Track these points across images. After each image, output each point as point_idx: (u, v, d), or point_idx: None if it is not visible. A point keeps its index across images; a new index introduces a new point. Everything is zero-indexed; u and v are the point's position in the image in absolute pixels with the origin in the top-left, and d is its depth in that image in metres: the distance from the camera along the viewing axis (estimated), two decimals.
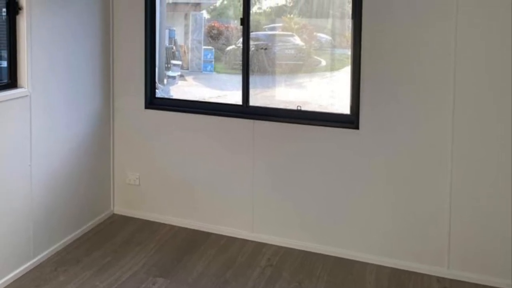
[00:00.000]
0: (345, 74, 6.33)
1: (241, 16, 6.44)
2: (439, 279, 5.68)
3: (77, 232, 6.50)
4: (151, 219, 7.05)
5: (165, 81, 8.41)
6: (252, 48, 6.60)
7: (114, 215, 7.23)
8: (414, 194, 5.77)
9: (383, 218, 5.94)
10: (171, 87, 8.56)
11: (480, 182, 5.50)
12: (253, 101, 6.58)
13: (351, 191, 6.05)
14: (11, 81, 5.43)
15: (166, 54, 8.37)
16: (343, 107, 6.17)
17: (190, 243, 6.50)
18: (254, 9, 6.87)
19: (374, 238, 5.99)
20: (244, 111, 6.55)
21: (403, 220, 5.85)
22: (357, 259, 6.04)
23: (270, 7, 7.50)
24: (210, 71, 8.77)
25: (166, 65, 8.43)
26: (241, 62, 6.57)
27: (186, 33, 9.02)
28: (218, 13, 8.74)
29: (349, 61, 6.10)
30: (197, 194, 6.82)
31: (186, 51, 8.99)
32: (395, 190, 5.86)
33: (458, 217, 5.60)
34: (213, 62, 8.74)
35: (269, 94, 7.27)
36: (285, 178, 6.35)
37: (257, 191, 6.50)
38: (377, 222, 5.96)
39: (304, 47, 7.53)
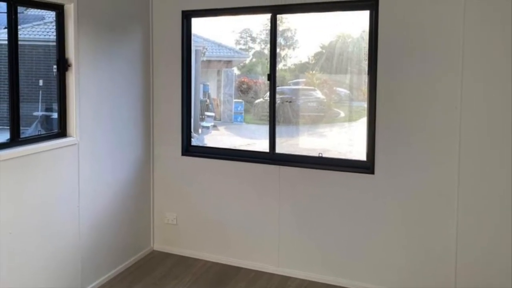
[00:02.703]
0: (361, 124, 6.35)
1: (268, 72, 6.50)
2: None
3: (121, 267, 6.55)
4: (187, 255, 7.08)
5: (199, 130, 8.46)
6: (278, 101, 6.64)
7: (153, 251, 7.27)
8: (424, 234, 5.75)
9: (396, 255, 5.92)
10: (205, 136, 8.62)
11: (483, 223, 5.46)
12: (279, 149, 6.60)
13: (367, 230, 6.05)
14: (61, 131, 5.51)
15: (201, 106, 8.43)
16: (360, 154, 6.17)
17: (222, 277, 6.51)
18: (280, 66, 6.93)
19: (388, 273, 5.96)
20: (271, 157, 6.58)
21: (414, 257, 5.82)
22: None
23: (294, 64, 7.55)
24: (240, 121, 8.82)
25: (200, 116, 8.48)
26: (268, 114, 6.59)
27: (218, 88, 9.09)
28: (248, 70, 8.79)
29: (365, 112, 6.10)
30: (228, 232, 6.85)
31: (218, 104, 9.06)
32: (406, 230, 5.84)
33: (463, 254, 5.57)
34: (243, 114, 8.78)
35: (293, 142, 7.29)
36: (307, 218, 6.36)
37: (282, 229, 6.51)
38: (391, 258, 5.94)
39: (325, 100, 7.55)
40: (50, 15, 5.53)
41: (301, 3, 6.17)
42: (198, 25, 7.10)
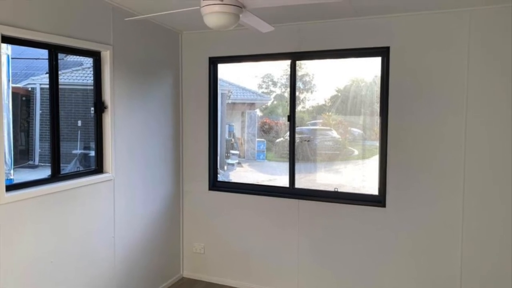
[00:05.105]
0: (374, 161, 6.31)
1: (288, 113, 6.51)
2: None
3: None
4: (214, 281, 7.06)
5: (225, 167, 8.45)
6: (297, 140, 6.63)
7: (183, 278, 7.25)
8: (431, 262, 5.72)
9: (404, 282, 5.88)
10: (230, 173, 8.61)
11: (486, 252, 5.44)
12: (298, 184, 6.59)
13: (379, 259, 6.01)
14: (98, 168, 5.53)
15: (226, 145, 8.44)
16: (372, 189, 6.14)
17: None
18: (298, 108, 6.92)
19: None
20: (291, 192, 6.57)
21: (422, 284, 5.78)
22: None
23: (312, 106, 7.54)
24: (263, 159, 8.81)
25: (226, 154, 8.48)
26: (288, 152, 6.59)
27: (242, 128, 9.09)
28: (269, 111, 8.80)
29: (377, 151, 6.09)
30: (251, 261, 6.81)
31: (242, 143, 9.06)
32: (415, 259, 5.81)
33: (467, 282, 5.56)
34: (265, 152, 8.78)
35: (311, 178, 7.26)
36: (324, 248, 6.31)
37: (301, 258, 6.47)
38: (400, 285, 5.90)
39: (340, 139, 7.53)
40: (88, 61, 5.58)
41: (318, 50, 6.20)
42: (224, 70, 7.15)
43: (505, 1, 5.08)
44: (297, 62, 6.50)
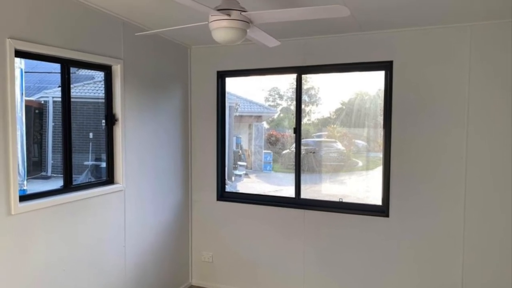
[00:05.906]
0: (377, 173, 6.32)
1: (294, 126, 6.52)
2: None
3: None
4: None
5: (233, 178, 8.46)
6: (302, 151, 6.63)
7: (192, 286, 7.24)
8: (433, 271, 5.71)
9: None
10: (237, 183, 8.62)
11: (486, 261, 5.45)
12: (304, 194, 6.58)
13: (383, 268, 6.00)
14: (109, 178, 5.53)
15: (234, 156, 8.45)
16: (376, 199, 6.14)
17: None
18: (304, 121, 6.93)
19: None
20: (297, 202, 6.57)
21: None
22: None
23: (317, 119, 7.54)
24: (269, 170, 8.82)
25: (234, 166, 8.50)
26: (294, 163, 6.59)
27: (249, 140, 9.11)
28: (276, 124, 8.82)
29: (381, 162, 6.09)
30: (258, 269, 6.80)
31: (249, 154, 9.07)
32: (418, 267, 5.81)
33: None
34: (271, 163, 8.79)
35: (316, 189, 7.26)
36: (329, 257, 6.31)
37: (307, 267, 6.46)
38: None
39: (345, 151, 7.53)
40: (99, 75, 5.60)
41: (324, 64, 6.21)
42: (232, 84, 7.16)
43: (505, 17, 5.10)
44: (303, 76, 6.51)
